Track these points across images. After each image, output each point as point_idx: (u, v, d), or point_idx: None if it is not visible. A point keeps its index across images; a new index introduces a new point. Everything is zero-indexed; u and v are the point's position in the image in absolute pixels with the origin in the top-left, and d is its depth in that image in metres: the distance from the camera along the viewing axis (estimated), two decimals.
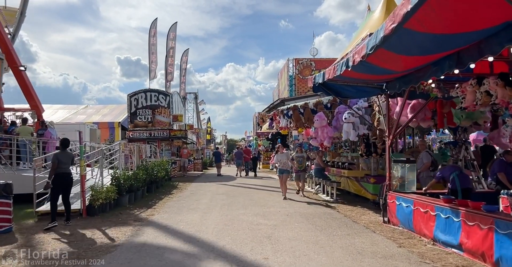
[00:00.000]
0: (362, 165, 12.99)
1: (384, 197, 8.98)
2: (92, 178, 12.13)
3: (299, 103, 12.83)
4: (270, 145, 28.64)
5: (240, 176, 26.09)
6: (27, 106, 24.01)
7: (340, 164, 13.91)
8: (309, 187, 16.23)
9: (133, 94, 27.21)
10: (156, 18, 28.32)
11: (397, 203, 8.40)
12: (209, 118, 61.65)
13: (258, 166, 26.93)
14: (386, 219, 8.86)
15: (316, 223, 8.79)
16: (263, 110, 18.82)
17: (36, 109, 26.39)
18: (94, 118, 39.46)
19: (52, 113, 40.69)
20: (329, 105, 12.58)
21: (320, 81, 7.94)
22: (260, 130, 31.94)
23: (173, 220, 9.37)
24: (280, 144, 11.89)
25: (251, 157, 27.03)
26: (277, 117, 14.92)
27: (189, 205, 12.06)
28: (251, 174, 25.86)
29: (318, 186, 15.11)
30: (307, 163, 14.76)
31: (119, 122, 32.79)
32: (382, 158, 12.14)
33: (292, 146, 19.77)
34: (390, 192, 8.81)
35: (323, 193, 14.61)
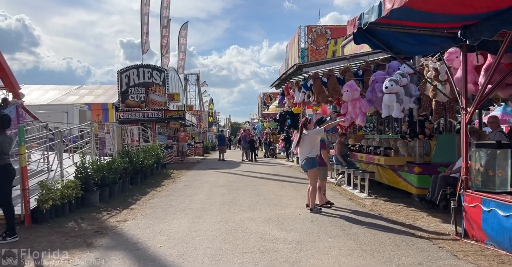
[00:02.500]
0: (401, 150, 10.07)
1: (457, 198, 6.12)
2: (52, 170, 9.29)
3: (322, 69, 9.81)
4: (278, 127, 25.68)
5: (243, 160, 23.61)
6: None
7: (372, 148, 11.02)
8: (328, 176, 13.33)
9: (124, 71, 24.26)
10: None
11: (485, 209, 5.53)
12: (211, 100, 58.49)
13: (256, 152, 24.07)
14: (460, 230, 6.02)
15: (359, 238, 5.93)
16: (272, 84, 15.74)
17: (10, 87, 23.63)
18: (87, 99, 36.50)
19: (42, 94, 37.89)
20: (360, 72, 9.61)
21: (373, 19, 4.97)
22: (268, 110, 29.05)
23: (151, 231, 6.56)
24: (310, 118, 8.68)
25: (249, 139, 24.31)
26: (291, 91, 11.96)
27: (178, 203, 9.24)
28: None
29: (341, 176, 12.26)
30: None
31: (113, 103, 29.91)
32: (430, 141, 9.23)
33: None
34: (469, 191, 5.93)
35: (348, 184, 11.79)
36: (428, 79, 7.86)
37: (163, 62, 27.92)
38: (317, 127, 8.99)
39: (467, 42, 5.78)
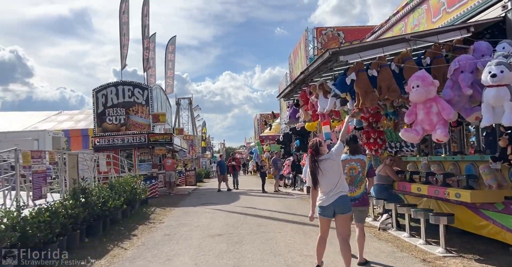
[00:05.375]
0: (485, 179, 6.52)
1: None
2: None
3: (368, 56, 6.26)
4: (282, 150, 22.08)
5: (219, 190, 20.01)
6: None
7: (424, 176, 7.53)
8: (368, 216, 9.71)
9: (101, 89, 20.81)
10: None
11: None
12: (204, 123, 54.82)
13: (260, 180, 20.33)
14: None
15: None
16: (280, 94, 12.20)
17: None
18: (65, 125, 32.95)
19: (19, 121, 34.38)
20: (427, 60, 6.14)
21: None
22: (269, 130, 25.63)
23: None
24: (320, 141, 5.14)
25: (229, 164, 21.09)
26: (311, 98, 8.44)
27: None
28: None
29: (385, 216, 8.68)
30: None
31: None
32: None
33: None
34: None
35: (396, 228, 8.25)
36: None
37: (147, 80, 24.60)
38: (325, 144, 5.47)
39: None
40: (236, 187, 20.57)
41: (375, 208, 10.10)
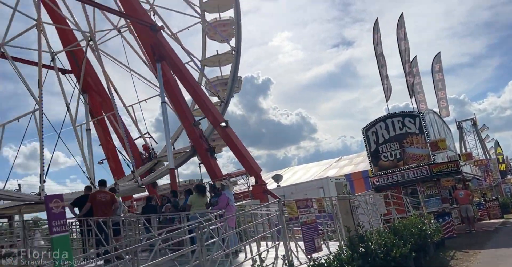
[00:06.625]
0: None
1: None
2: None
3: None
4: None
5: None
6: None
7: None
8: None
9: (369, 127, 20.23)
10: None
11: None
12: (496, 143, 47.06)
13: None
14: None
15: None
16: None
17: (250, 171, 22.57)
18: (346, 169, 34.01)
19: (304, 173, 37.42)
20: None
21: None
22: None
23: None
24: None
25: None
26: None
27: None
28: None
29: None
30: None
31: None
32: None
33: None
34: None
35: None
36: None
37: (418, 106, 22.83)
38: None
39: None
40: None
41: None
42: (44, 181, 16.80)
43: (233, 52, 26.09)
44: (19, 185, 27.49)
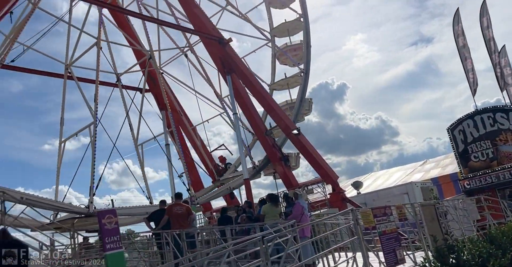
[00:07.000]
0: None
1: None
2: None
3: None
4: None
5: None
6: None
7: None
8: None
9: (455, 126, 18.62)
10: None
11: None
12: None
13: None
14: None
15: None
16: None
17: (326, 178, 21.63)
18: (433, 173, 31.73)
19: (386, 179, 35.61)
20: None
21: None
22: None
23: None
24: None
25: None
26: None
27: None
28: None
29: None
30: None
31: None
32: None
33: None
34: None
35: None
36: None
37: (511, 100, 20.72)
38: None
39: None
40: None
41: None
42: (94, 194, 17.45)
43: (301, 74, 25.76)
44: (112, 200, 29.09)
